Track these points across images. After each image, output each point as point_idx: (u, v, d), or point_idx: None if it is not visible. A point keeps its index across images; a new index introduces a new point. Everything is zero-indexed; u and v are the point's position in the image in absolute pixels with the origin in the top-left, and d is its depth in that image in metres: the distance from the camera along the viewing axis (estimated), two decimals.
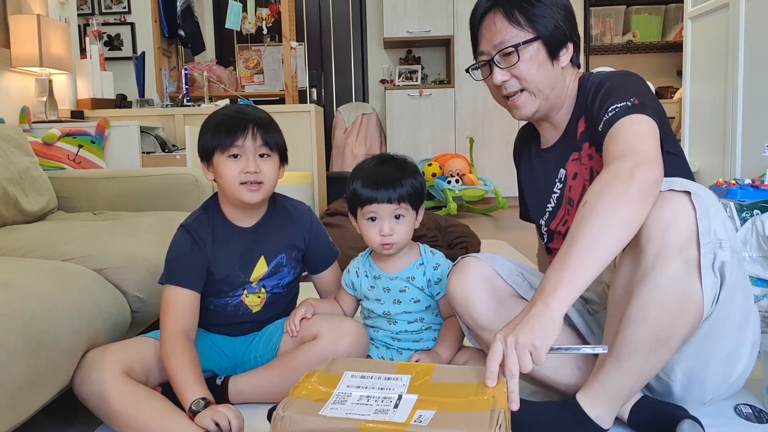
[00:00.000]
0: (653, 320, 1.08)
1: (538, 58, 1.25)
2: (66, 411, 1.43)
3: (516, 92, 1.29)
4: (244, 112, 1.40)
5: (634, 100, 1.15)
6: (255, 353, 1.51)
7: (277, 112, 3.77)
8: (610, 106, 1.17)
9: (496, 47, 1.26)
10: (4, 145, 2.16)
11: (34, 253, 1.58)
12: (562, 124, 1.36)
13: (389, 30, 5.41)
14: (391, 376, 1.04)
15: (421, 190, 1.45)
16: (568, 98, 1.34)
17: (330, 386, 1.01)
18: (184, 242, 1.43)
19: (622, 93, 1.18)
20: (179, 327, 1.35)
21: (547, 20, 1.25)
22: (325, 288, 1.63)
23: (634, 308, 1.09)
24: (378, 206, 1.40)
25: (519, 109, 1.31)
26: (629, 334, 1.10)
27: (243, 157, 1.37)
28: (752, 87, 2.77)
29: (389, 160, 1.47)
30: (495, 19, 1.26)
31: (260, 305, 1.50)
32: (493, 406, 0.94)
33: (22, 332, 1.09)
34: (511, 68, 1.26)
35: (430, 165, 5.14)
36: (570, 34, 1.29)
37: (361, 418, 0.92)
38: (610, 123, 1.15)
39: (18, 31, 3.09)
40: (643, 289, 1.08)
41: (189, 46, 5.20)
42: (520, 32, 1.24)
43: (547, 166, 1.40)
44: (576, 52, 1.31)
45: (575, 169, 1.33)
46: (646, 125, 1.12)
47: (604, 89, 1.23)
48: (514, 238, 3.60)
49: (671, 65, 5.45)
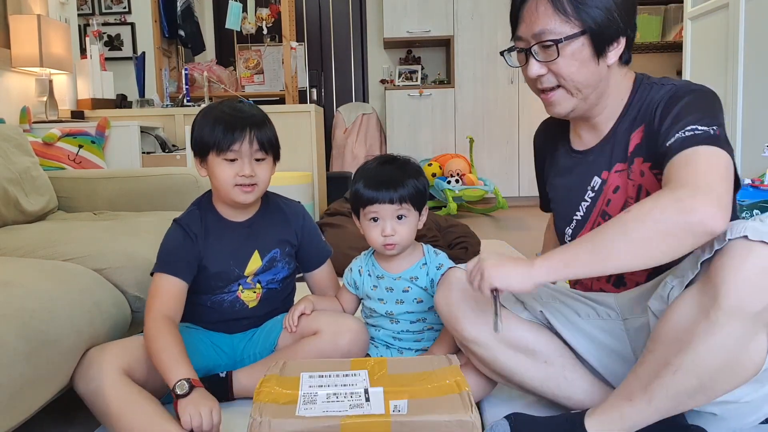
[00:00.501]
0: (704, 374, 0.99)
1: (582, 55, 1.12)
2: (66, 411, 1.43)
3: (552, 88, 1.18)
4: (242, 114, 1.40)
5: (716, 129, 1.03)
6: (254, 350, 1.51)
7: (277, 112, 3.78)
8: (689, 125, 1.04)
9: (536, 36, 1.13)
10: (5, 145, 2.16)
11: (34, 253, 1.58)
12: (604, 128, 1.24)
13: (389, 30, 5.41)
14: (348, 373, 1.05)
15: (423, 191, 1.45)
16: (615, 99, 1.21)
17: (291, 388, 1.00)
18: (176, 235, 1.45)
19: (705, 115, 1.06)
20: (164, 312, 1.35)
21: (598, 11, 1.10)
22: (319, 286, 1.63)
23: (687, 359, 0.99)
24: (379, 207, 1.41)
25: (553, 106, 1.20)
26: (673, 382, 1.01)
27: (239, 161, 1.38)
28: (752, 87, 2.77)
29: (392, 160, 1.47)
30: (538, 4, 1.12)
31: (256, 300, 1.51)
32: (459, 389, 0.97)
33: (22, 332, 1.10)
34: (549, 63, 1.14)
35: (430, 165, 5.14)
36: (624, 26, 1.13)
37: (340, 414, 0.92)
38: (684, 144, 1.02)
39: (18, 31, 3.09)
40: (704, 344, 0.97)
41: (189, 46, 5.20)
42: (564, 23, 1.10)
43: (579, 169, 1.28)
44: (628, 47, 1.17)
45: (618, 182, 1.21)
46: (724, 163, 1.00)
47: (682, 103, 1.09)
48: (514, 238, 3.60)
49: (671, 65, 5.45)
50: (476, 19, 5.35)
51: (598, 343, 1.23)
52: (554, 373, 1.22)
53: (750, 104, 2.78)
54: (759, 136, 2.70)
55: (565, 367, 1.23)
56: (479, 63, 5.36)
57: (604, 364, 1.23)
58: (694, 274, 1.00)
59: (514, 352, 1.22)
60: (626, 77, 1.21)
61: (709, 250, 0.97)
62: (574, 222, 1.30)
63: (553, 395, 1.24)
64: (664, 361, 1.02)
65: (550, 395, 1.24)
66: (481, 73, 5.38)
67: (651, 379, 1.04)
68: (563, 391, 1.23)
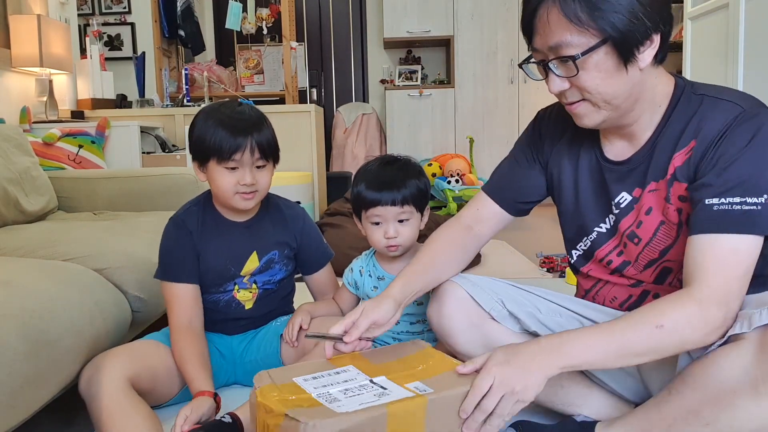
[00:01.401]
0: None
1: (606, 66, 0.98)
2: (67, 411, 1.43)
3: (578, 101, 1.04)
4: (243, 121, 1.37)
5: (764, 199, 0.95)
6: (253, 356, 1.51)
7: (277, 112, 3.78)
8: (736, 197, 0.96)
9: (552, 50, 1.00)
10: (5, 145, 2.16)
11: (34, 253, 1.58)
12: (640, 138, 1.11)
13: (389, 30, 5.41)
14: (338, 370, 1.03)
15: (425, 191, 1.44)
16: (651, 104, 1.07)
17: (300, 393, 0.96)
18: (171, 234, 1.46)
19: (758, 180, 0.96)
20: (183, 320, 1.39)
21: (618, 15, 0.94)
22: (319, 289, 1.62)
23: (722, 418, 0.95)
24: (382, 209, 1.40)
25: (580, 118, 1.07)
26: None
27: (240, 169, 1.37)
28: (752, 87, 2.77)
29: (393, 161, 1.47)
30: (549, 14, 0.97)
31: (252, 300, 1.50)
32: (451, 366, 1.00)
33: (23, 332, 1.09)
34: (570, 78, 1.01)
35: (430, 165, 5.15)
36: (654, 24, 0.97)
37: (379, 403, 0.90)
38: (721, 223, 0.96)
39: (18, 31, 3.09)
40: (745, 411, 0.93)
41: (189, 46, 5.20)
42: (580, 34, 0.96)
43: (609, 177, 1.16)
44: (664, 44, 1.01)
45: (651, 203, 1.10)
46: (750, 254, 0.96)
47: (743, 155, 0.97)
48: (514, 238, 3.60)
49: (671, 65, 5.45)
50: (476, 19, 5.35)
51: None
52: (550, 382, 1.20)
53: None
54: None
55: (562, 376, 1.19)
56: (479, 63, 5.37)
57: (605, 374, 1.21)
58: (742, 331, 0.95)
59: None
60: (663, 78, 1.07)
61: (767, 315, 0.93)
62: (595, 233, 1.20)
63: (551, 403, 1.23)
64: (696, 410, 0.97)
65: (548, 403, 1.23)
66: (481, 73, 5.38)
67: (677, 423, 1.00)
68: (560, 398, 1.22)
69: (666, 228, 1.10)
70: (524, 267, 2.92)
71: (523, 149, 1.30)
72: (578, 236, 1.24)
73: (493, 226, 1.30)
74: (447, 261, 1.26)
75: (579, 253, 1.25)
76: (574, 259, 1.27)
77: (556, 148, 1.24)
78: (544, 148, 1.26)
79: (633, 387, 1.20)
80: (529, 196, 1.29)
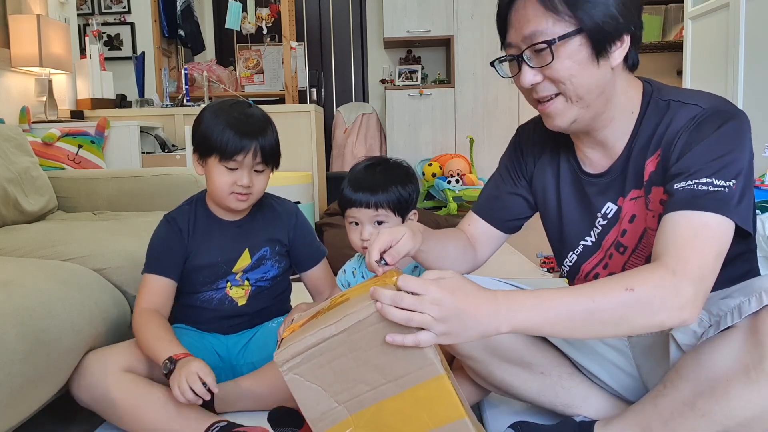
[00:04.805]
0: (732, 424, 0.95)
1: (579, 56, 0.99)
2: (66, 411, 1.43)
3: (549, 97, 1.04)
4: (252, 125, 1.39)
5: (732, 184, 0.95)
6: (249, 359, 1.50)
7: (277, 112, 3.78)
8: (704, 177, 0.96)
9: (527, 39, 1.01)
10: (4, 145, 2.16)
11: (34, 253, 1.58)
12: (615, 147, 1.11)
13: (389, 30, 5.41)
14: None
15: (408, 198, 1.40)
16: (623, 112, 1.08)
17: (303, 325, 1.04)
18: (161, 232, 1.48)
19: (728, 162, 0.96)
20: (151, 306, 1.40)
21: (595, 6, 0.97)
22: (315, 286, 1.62)
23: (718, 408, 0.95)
24: (357, 210, 1.40)
25: (552, 117, 1.06)
26: (698, 425, 0.97)
27: (239, 171, 1.39)
28: (752, 87, 2.77)
29: (379, 163, 1.44)
30: (527, 3, 1.00)
31: (245, 297, 1.51)
32: (393, 280, 0.95)
33: (22, 331, 1.09)
34: (543, 68, 1.01)
35: (430, 165, 5.14)
36: (627, 23, 1.00)
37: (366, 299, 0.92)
38: (691, 203, 0.95)
39: (18, 31, 3.09)
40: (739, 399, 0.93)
41: (189, 46, 5.20)
42: (557, 22, 0.98)
43: (591, 191, 1.16)
44: (635, 46, 1.04)
45: (634, 211, 1.11)
46: (724, 237, 0.95)
47: (707, 143, 0.98)
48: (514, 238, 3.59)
49: (671, 65, 5.45)
50: (476, 19, 5.35)
51: (600, 357, 1.21)
52: (551, 383, 1.20)
53: (750, 104, 2.78)
54: (759, 136, 2.69)
55: (562, 377, 1.21)
56: (479, 63, 5.37)
57: (605, 375, 1.21)
58: (734, 322, 0.95)
59: (509, 365, 1.19)
60: (633, 85, 1.09)
61: (756, 302, 0.93)
62: (581, 247, 1.20)
63: (551, 404, 1.22)
64: (691, 402, 0.97)
65: (548, 405, 1.23)
66: (481, 73, 5.38)
67: (674, 417, 1.00)
68: (561, 399, 1.21)
69: (650, 235, 1.09)
70: (524, 267, 2.90)
71: (507, 167, 1.31)
72: (565, 250, 1.24)
73: (485, 245, 1.31)
74: (454, 247, 1.26)
75: (566, 269, 1.26)
76: (565, 274, 1.29)
77: (539, 162, 1.25)
78: (527, 164, 1.27)
79: (633, 387, 1.20)
80: (518, 214, 1.30)
